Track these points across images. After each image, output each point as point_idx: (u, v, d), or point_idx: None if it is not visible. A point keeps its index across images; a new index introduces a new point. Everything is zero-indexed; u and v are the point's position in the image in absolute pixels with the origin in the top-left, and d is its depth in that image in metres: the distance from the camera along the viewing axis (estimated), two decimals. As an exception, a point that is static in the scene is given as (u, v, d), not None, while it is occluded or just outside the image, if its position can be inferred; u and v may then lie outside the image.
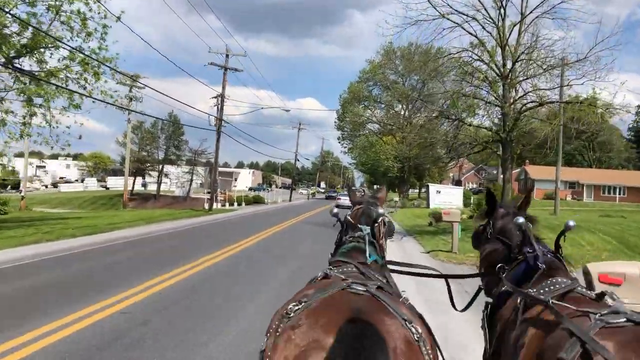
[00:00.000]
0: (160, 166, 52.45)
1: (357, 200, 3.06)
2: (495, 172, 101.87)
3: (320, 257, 3.83)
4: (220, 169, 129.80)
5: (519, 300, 2.30)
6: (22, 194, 35.11)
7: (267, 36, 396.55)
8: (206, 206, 33.66)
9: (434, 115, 68.30)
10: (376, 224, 2.77)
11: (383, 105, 70.54)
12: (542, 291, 2.27)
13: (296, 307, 1.85)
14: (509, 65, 17.17)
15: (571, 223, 2.66)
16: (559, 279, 2.33)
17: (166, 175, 54.05)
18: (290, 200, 60.24)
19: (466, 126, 18.14)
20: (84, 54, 18.85)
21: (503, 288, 2.56)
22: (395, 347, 1.68)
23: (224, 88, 30.09)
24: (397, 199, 42.73)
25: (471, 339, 5.73)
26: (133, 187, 57.48)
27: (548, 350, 1.87)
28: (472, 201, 45.89)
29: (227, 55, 30.01)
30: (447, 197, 43.64)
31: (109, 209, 44.48)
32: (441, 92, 19.58)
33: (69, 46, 18.08)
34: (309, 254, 14.06)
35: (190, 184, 51.02)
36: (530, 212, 3.00)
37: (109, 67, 20.11)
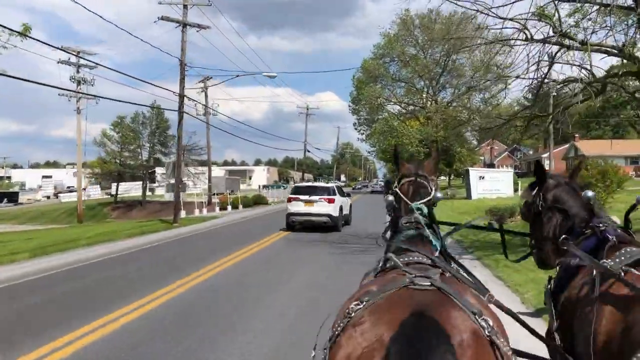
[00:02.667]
0: (144, 167, 44.61)
1: (405, 173, 2.73)
2: (531, 152, 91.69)
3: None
4: (231, 168, 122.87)
5: (594, 273, 2.20)
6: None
7: (281, 33, 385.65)
8: (191, 213, 25.92)
9: (461, 91, 58.53)
10: (434, 205, 2.59)
11: (402, 84, 61.20)
12: (617, 260, 2.20)
13: (357, 307, 1.77)
14: None
15: None
16: (633, 248, 2.26)
17: (153, 178, 46.36)
18: (301, 197, 52.00)
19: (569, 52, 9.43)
20: None
21: (573, 261, 2.43)
22: (461, 340, 1.58)
23: (183, 52, 22.00)
24: (429, 189, 33.62)
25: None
26: (116, 194, 50.24)
27: (637, 325, 1.82)
28: (519, 186, 36.96)
29: (185, 6, 21.94)
30: (492, 184, 34.51)
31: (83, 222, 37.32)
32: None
33: None
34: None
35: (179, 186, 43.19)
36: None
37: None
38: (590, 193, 2.65)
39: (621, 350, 1.83)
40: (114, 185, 73.31)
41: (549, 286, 2.56)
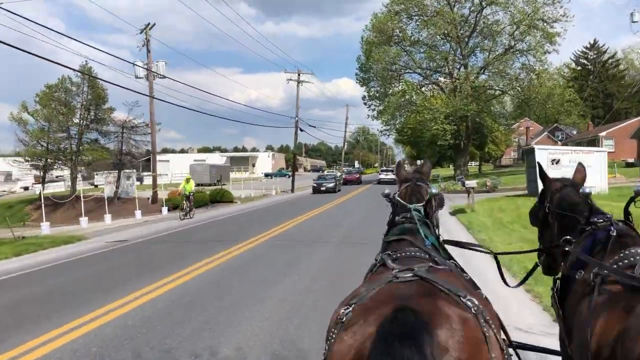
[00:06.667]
0: (74, 153, 33.11)
1: (403, 178, 2.87)
2: (574, 132, 78.09)
3: None
4: (233, 154, 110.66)
5: (592, 275, 2.08)
6: None
7: (297, 18, 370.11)
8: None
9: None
10: (429, 203, 2.65)
11: (423, 48, 48.25)
12: (620, 264, 2.06)
13: (347, 311, 1.80)
14: None
15: None
16: (637, 250, 2.09)
17: (89, 164, 35.02)
18: (292, 190, 40.22)
19: None
20: None
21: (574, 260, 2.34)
22: (446, 326, 1.57)
23: None
24: (471, 182, 20.65)
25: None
26: (42, 188, 38.91)
27: (632, 329, 1.72)
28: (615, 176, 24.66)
29: None
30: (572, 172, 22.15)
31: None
32: None
33: None
34: None
35: (119, 179, 31.77)
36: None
37: None
38: (587, 189, 2.64)
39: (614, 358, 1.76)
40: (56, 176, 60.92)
41: (554, 288, 2.48)
